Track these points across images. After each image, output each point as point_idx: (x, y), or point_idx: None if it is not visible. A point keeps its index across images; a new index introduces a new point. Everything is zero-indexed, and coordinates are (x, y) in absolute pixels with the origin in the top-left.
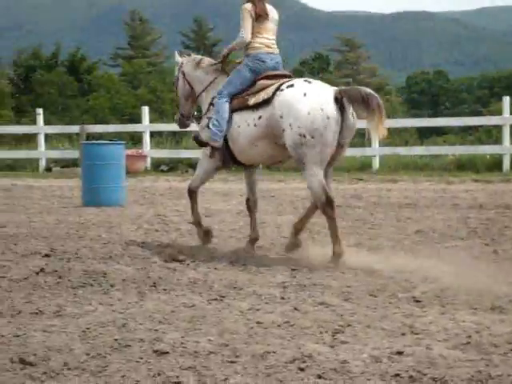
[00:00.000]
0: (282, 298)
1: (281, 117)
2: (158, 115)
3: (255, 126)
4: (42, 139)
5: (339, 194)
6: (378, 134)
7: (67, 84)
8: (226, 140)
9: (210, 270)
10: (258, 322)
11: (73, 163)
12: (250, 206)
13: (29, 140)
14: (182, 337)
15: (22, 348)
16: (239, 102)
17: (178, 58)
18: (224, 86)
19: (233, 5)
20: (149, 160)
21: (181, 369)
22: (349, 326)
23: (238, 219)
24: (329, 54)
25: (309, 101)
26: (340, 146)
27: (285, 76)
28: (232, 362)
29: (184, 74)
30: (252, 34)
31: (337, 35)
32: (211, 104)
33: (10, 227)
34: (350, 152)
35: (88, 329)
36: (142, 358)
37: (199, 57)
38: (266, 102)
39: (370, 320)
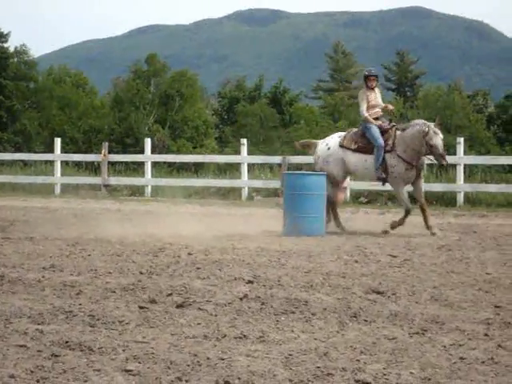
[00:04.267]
0: (486, 335)
1: None
2: None
3: None
4: (245, 169)
5: None
6: None
7: (269, 116)
8: None
9: (411, 304)
10: (460, 358)
11: (273, 193)
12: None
13: (230, 169)
14: (384, 368)
15: (227, 371)
16: None
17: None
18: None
19: (435, 37)
20: (348, 191)
21: None
22: None
23: (439, 254)
24: None
25: None
26: None
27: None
28: None
29: None
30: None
31: None
32: None
33: (215, 253)
34: None
35: (290, 355)
36: None
37: None
38: None
39: None
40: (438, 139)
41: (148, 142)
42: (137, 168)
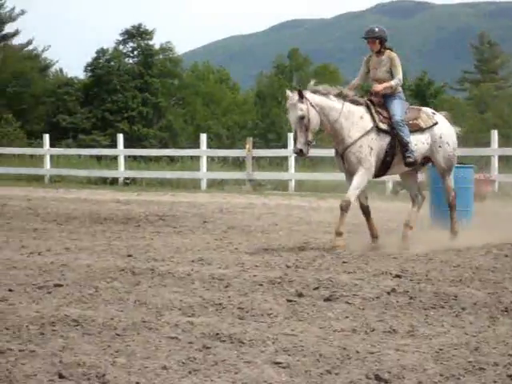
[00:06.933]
0: None
1: (440, 137)
2: (504, 139)
3: (427, 144)
4: None
5: None
6: None
7: None
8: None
9: None
10: None
11: None
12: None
13: None
14: None
15: (376, 365)
16: (413, 126)
17: (293, 94)
18: (398, 113)
19: None
20: (497, 184)
21: None
22: None
23: None
24: None
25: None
26: None
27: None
28: None
29: (314, 106)
30: None
31: None
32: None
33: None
34: None
35: (441, 350)
36: (496, 382)
37: (321, 87)
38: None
39: None
40: (289, 116)
41: (291, 137)
42: (280, 162)
